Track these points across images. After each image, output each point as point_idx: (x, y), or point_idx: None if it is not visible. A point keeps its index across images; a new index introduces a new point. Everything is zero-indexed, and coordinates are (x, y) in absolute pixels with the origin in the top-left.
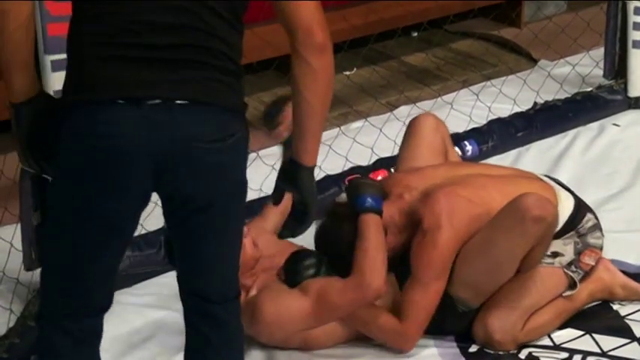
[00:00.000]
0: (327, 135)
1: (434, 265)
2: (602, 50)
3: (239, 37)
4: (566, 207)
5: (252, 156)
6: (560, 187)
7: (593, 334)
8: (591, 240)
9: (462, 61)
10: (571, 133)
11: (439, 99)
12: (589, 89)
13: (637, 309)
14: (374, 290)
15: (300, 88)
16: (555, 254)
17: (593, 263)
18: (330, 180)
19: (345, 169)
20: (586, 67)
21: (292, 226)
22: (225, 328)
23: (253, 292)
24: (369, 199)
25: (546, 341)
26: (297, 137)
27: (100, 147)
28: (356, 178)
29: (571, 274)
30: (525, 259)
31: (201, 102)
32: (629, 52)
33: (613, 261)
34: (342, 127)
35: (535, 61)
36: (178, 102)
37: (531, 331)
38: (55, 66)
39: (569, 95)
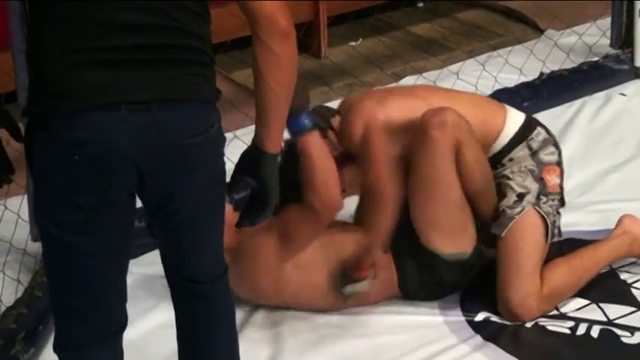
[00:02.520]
0: (332, 106)
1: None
2: (608, 20)
3: (208, 26)
4: (515, 120)
5: (229, 136)
6: (511, 107)
7: (600, 303)
8: (544, 157)
9: (468, 31)
10: (577, 102)
11: (445, 69)
12: (596, 59)
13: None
14: (331, 206)
15: (264, 75)
16: (521, 195)
17: (557, 180)
18: None
19: None
20: (593, 36)
21: (251, 215)
22: (216, 305)
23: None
24: (303, 119)
25: (552, 310)
26: (260, 123)
27: (82, 154)
28: None
29: (542, 212)
30: (461, 168)
31: (180, 99)
32: (636, 22)
33: None
34: None
35: (542, 31)
36: (157, 102)
37: (551, 295)
38: None
39: (575, 65)
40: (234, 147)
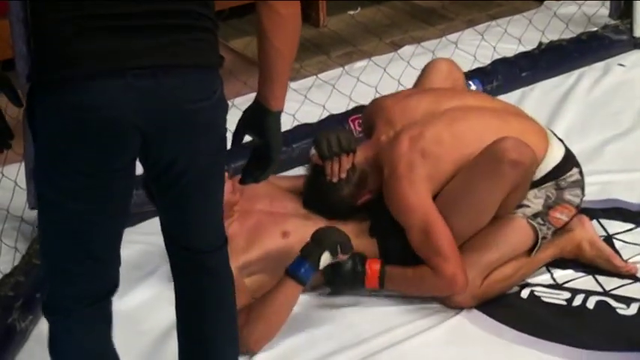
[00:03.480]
0: (331, 74)
1: (410, 208)
2: None
3: None
4: (555, 155)
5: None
6: (553, 136)
7: (596, 275)
8: (568, 196)
9: (467, 0)
10: (576, 73)
11: (444, 39)
12: (595, 29)
13: (637, 252)
14: (250, 348)
15: (269, 36)
16: (520, 206)
17: (565, 219)
18: (335, 119)
19: (349, 108)
20: (592, 6)
21: (254, 172)
22: (216, 275)
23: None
24: (303, 268)
25: (549, 281)
26: (264, 82)
27: (87, 120)
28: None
29: (536, 224)
30: (502, 204)
31: (184, 65)
32: None
33: (615, 200)
34: (345, 67)
35: (541, 1)
36: (162, 67)
37: (490, 286)
38: None
39: (574, 35)
40: (232, 115)
